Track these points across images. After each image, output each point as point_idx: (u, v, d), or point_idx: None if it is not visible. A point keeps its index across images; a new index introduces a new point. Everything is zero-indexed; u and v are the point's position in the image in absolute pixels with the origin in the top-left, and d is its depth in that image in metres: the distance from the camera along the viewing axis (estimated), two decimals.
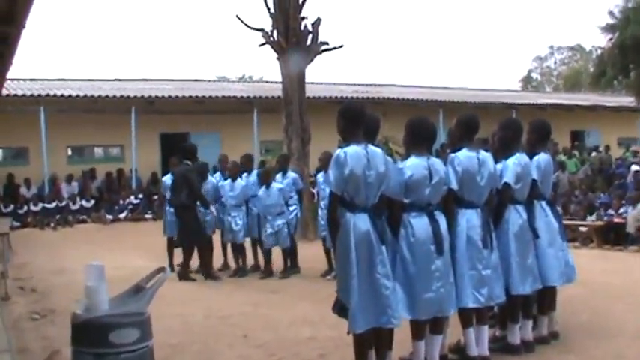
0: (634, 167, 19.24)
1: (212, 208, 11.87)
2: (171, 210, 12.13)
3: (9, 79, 17.32)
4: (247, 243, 12.14)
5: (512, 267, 6.32)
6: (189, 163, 11.70)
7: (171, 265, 11.92)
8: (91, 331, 1.12)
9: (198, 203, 11.58)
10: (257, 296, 9.90)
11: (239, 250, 12.02)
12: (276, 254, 11.78)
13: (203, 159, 14.17)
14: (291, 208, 11.80)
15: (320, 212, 11.89)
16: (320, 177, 11.91)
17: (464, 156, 6.13)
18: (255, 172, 12.39)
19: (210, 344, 7.03)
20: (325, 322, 7.07)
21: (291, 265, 11.82)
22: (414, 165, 5.73)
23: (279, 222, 11.50)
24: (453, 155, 6.18)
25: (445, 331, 6.08)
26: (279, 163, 12.50)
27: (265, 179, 11.56)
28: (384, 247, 5.34)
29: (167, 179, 12.54)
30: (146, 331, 1.16)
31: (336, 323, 5.91)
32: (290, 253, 11.81)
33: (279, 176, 11.98)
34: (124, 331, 1.12)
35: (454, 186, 6.02)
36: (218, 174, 12.98)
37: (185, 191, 11.34)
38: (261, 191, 11.70)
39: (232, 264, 12.18)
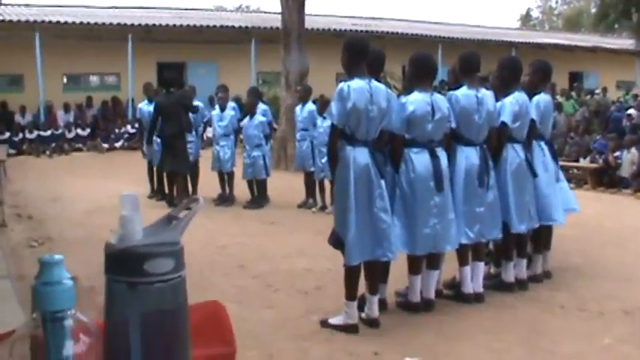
0: (630, 110, 19.21)
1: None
2: (157, 140, 12.04)
3: (3, 5, 17.13)
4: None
5: (510, 205, 6.37)
6: (173, 90, 11.70)
7: (160, 191, 12.40)
8: (126, 261, 1.13)
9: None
10: (253, 227, 9.97)
11: (229, 179, 12.11)
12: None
13: (200, 88, 14.13)
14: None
15: (297, 144, 12.03)
16: (298, 109, 11.97)
17: (462, 94, 6.12)
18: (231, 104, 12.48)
19: (206, 274, 7.08)
20: (322, 254, 7.13)
21: (263, 196, 11.94)
22: (416, 100, 5.71)
23: (256, 153, 11.61)
24: (450, 93, 6.19)
25: (441, 267, 6.15)
26: (251, 95, 12.42)
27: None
28: (382, 182, 5.37)
29: (145, 106, 12.72)
30: (180, 261, 1.17)
31: (333, 255, 5.97)
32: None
33: None
34: (158, 260, 1.13)
35: (452, 124, 6.03)
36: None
37: (177, 120, 11.30)
38: (245, 121, 11.83)
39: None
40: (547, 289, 6.65)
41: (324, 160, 10.51)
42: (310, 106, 11.61)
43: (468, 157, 6.11)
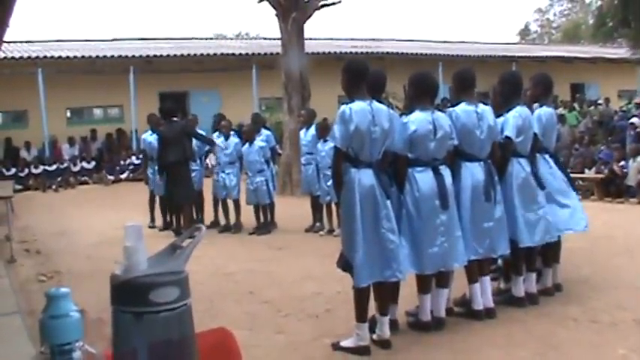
0: (633, 119, 19.19)
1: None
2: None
3: (5, 42, 17.19)
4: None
5: (517, 220, 6.35)
6: (177, 119, 11.72)
7: (167, 222, 12.46)
8: (132, 291, 1.14)
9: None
10: (261, 253, 9.96)
11: (235, 207, 12.12)
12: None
13: (203, 117, 14.21)
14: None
15: (302, 168, 12.07)
16: (302, 133, 12.03)
17: (461, 110, 6.14)
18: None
19: (216, 302, 7.08)
20: (330, 277, 7.11)
21: (270, 221, 11.97)
22: (418, 119, 5.73)
23: (259, 179, 11.64)
24: (450, 110, 6.20)
25: (450, 285, 6.14)
26: (253, 121, 12.52)
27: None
28: (388, 202, 5.36)
29: (148, 137, 12.78)
30: (185, 289, 1.18)
31: (342, 278, 5.96)
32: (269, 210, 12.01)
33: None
34: (163, 289, 1.14)
35: (455, 140, 6.05)
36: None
37: (181, 148, 11.30)
38: (245, 147, 11.85)
39: (222, 221, 12.31)
40: (558, 302, 6.61)
41: (329, 183, 10.54)
42: (314, 129, 11.66)
43: (473, 173, 6.11)
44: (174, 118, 11.69)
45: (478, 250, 6.07)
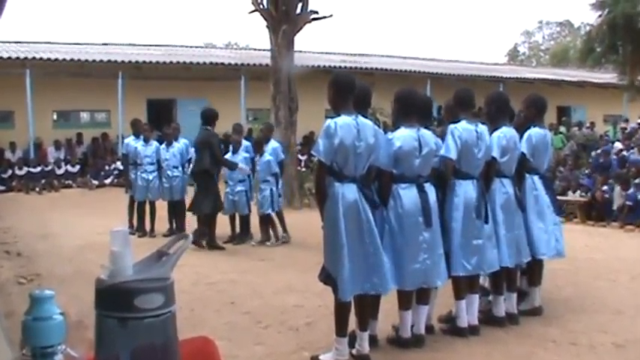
0: (617, 144, 19.34)
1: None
2: (143, 175, 12.40)
3: None
4: None
5: (499, 239, 6.39)
6: (209, 128, 11.32)
7: (136, 227, 12.49)
8: (116, 296, 1.14)
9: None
10: (244, 264, 9.95)
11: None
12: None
13: (190, 125, 14.10)
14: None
15: None
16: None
17: (463, 128, 6.17)
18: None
19: (197, 310, 7.06)
20: (312, 290, 7.13)
21: (246, 232, 11.94)
22: (403, 136, 5.75)
23: (239, 189, 11.65)
24: (453, 126, 6.21)
25: (432, 301, 6.15)
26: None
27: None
28: (371, 217, 5.37)
29: (132, 142, 12.88)
30: (170, 296, 1.18)
31: (323, 291, 5.97)
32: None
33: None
34: (148, 296, 1.14)
35: (454, 156, 6.06)
36: None
37: (207, 157, 11.01)
38: (228, 157, 11.82)
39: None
40: (538, 323, 6.63)
41: (266, 194, 11.13)
42: (273, 143, 11.84)
43: (466, 190, 6.16)
44: (208, 127, 11.34)
45: (467, 266, 6.09)
